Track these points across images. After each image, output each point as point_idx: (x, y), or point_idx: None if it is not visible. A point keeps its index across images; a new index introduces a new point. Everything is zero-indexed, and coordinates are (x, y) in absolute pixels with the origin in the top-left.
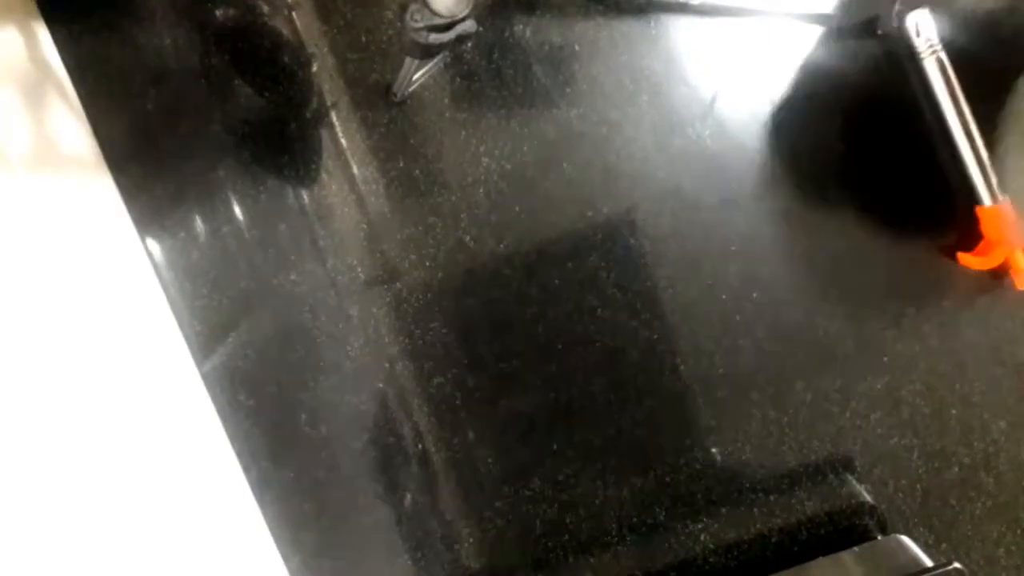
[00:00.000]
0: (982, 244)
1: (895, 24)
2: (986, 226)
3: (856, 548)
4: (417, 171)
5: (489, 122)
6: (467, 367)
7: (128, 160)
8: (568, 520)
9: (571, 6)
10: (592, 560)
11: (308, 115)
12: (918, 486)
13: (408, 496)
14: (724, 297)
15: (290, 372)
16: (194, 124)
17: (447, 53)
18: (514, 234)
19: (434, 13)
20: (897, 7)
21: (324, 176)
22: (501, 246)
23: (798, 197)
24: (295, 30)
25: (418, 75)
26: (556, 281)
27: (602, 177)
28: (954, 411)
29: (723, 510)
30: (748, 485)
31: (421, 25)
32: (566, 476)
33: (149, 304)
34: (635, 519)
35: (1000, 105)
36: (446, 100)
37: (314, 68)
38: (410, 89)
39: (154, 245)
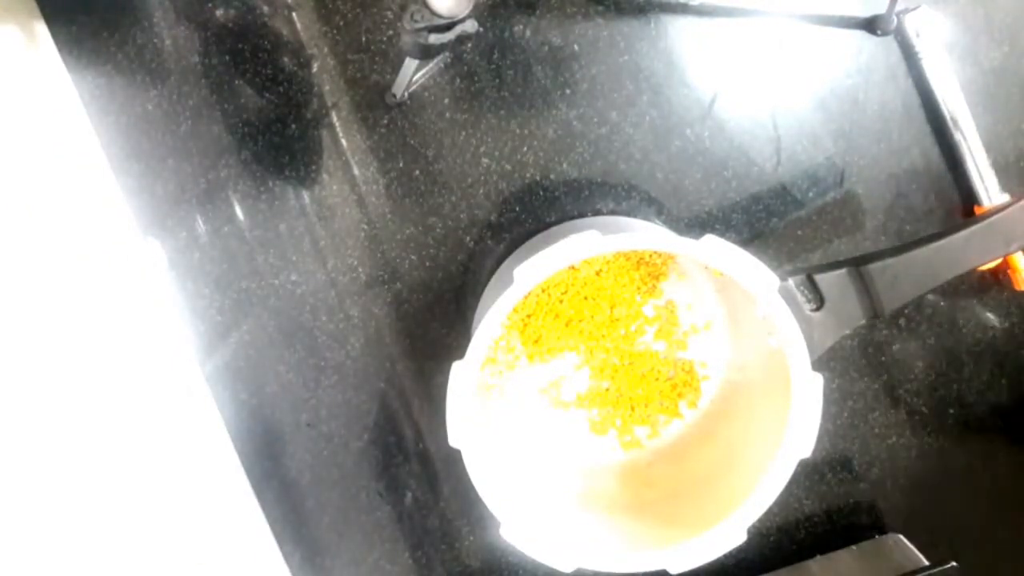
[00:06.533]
0: None
1: (895, 24)
2: None
3: (854, 547)
4: (417, 171)
5: (489, 122)
6: None
7: (129, 160)
8: None
9: (571, 6)
10: None
11: (308, 115)
12: (916, 485)
13: (409, 495)
14: None
15: (291, 372)
16: (194, 124)
17: (447, 53)
18: (514, 234)
19: (434, 13)
20: (897, 7)
21: (324, 176)
22: (501, 246)
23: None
24: (295, 30)
25: (418, 76)
26: None
27: (602, 177)
28: (952, 411)
29: None
30: None
31: (421, 25)
32: None
33: (152, 304)
34: None
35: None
36: (446, 100)
37: (314, 68)
38: (410, 90)
39: (155, 245)
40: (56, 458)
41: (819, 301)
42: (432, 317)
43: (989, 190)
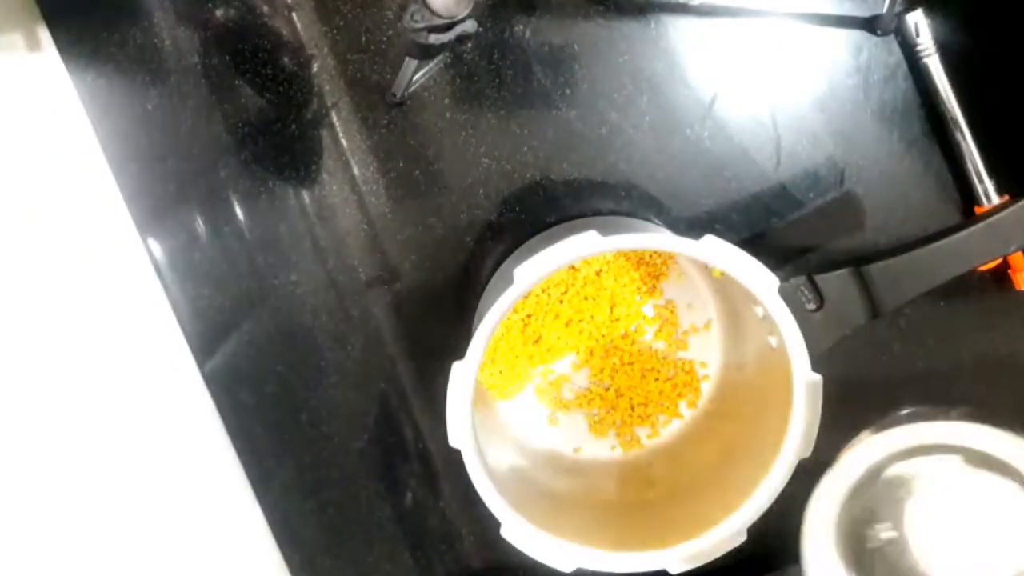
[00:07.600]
0: None
1: (894, 24)
2: None
3: None
4: (417, 171)
5: (489, 122)
6: None
7: (128, 160)
8: None
9: (571, 6)
10: None
11: (308, 115)
12: None
13: (409, 495)
14: None
15: (291, 372)
16: (194, 124)
17: (447, 53)
18: (514, 234)
19: (434, 13)
20: (897, 7)
21: (324, 176)
22: (501, 246)
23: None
24: (295, 30)
25: (418, 76)
26: None
27: (602, 177)
28: (952, 411)
29: None
30: None
31: (421, 25)
32: None
33: (150, 304)
34: None
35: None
36: (446, 100)
37: (314, 68)
38: (410, 90)
39: (155, 245)
40: (55, 459)
41: (819, 301)
42: (432, 317)
43: (989, 190)
